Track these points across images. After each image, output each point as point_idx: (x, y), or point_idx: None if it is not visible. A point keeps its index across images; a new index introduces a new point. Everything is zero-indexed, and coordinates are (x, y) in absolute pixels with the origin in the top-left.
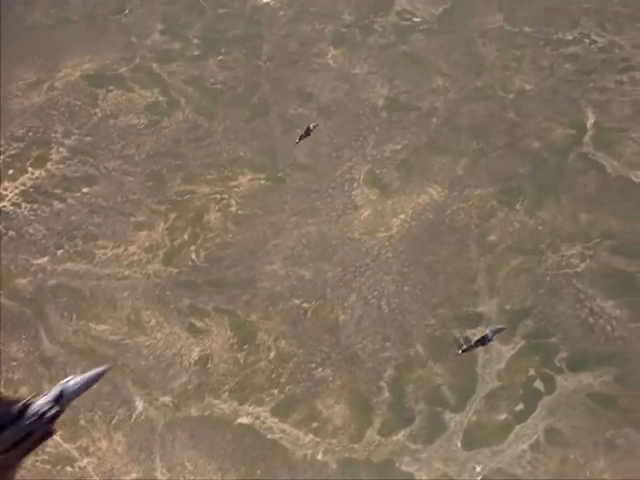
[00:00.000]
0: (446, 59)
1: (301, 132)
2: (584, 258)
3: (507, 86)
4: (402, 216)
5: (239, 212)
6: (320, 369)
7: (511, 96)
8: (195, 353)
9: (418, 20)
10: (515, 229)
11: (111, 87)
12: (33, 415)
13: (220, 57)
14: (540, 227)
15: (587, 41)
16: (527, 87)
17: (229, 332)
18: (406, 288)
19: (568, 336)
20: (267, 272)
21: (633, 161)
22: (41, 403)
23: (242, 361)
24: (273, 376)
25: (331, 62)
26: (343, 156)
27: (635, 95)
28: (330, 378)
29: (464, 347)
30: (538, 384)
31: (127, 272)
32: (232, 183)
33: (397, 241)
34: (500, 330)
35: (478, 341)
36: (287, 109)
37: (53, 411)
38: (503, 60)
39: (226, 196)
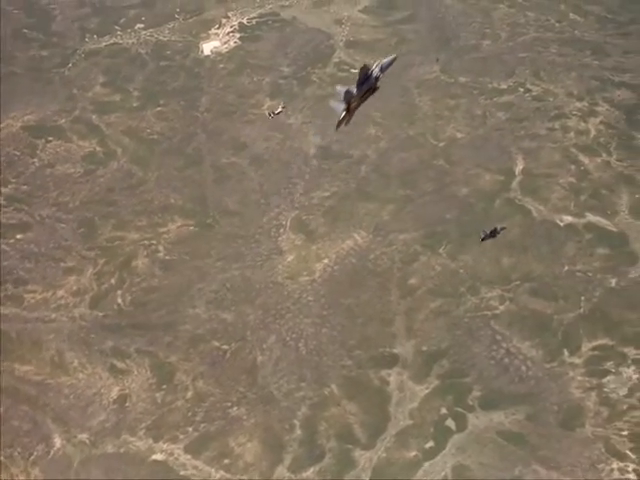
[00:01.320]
0: (380, 109)
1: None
2: (503, 300)
3: (439, 134)
4: (325, 261)
5: (166, 257)
6: (235, 408)
7: (442, 144)
8: (114, 392)
9: (355, 71)
10: (436, 272)
11: (50, 137)
12: (373, 77)
13: (159, 108)
14: (461, 270)
15: (522, 90)
16: (459, 135)
17: (149, 372)
18: (324, 330)
19: (482, 376)
20: (190, 315)
21: (559, 206)
22: (375, 70)
23: (160, 400)
24: (189, 414)
25: (267, 113)
26: (272, 203)
27: (566, 142)
28: (244, 417)
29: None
30: (450, 422)
31: (54, 315)
32: (161, 229)
33: (319, 285)
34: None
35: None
36: (220, 158)
37: (380, 74)
38: (437, 109)
39: (155, 242)
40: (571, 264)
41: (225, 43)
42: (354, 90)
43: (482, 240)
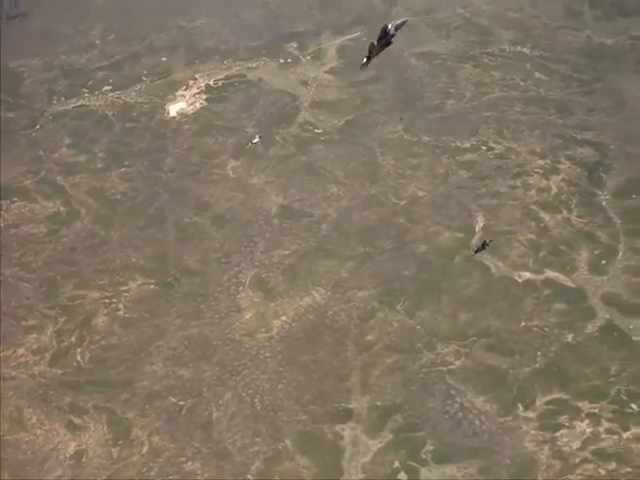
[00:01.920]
0: (343, 168)
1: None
2: (459, 356)
3: (400, 193)
4: (283, 318)
5: (126, 316)
6: (190, 463)
7: (403, 202)
8: (71, 448)
9: (319, 131)
10: (393, 329)
11: (15, 198)
12: (388, 33)
13: (123, 169)
14: (418, 327)
15: (484, 148)
16: (420, 194)
17: (106, 428)
18: (280, 386)
19: (436, 430)
20: (148, 372)
21: (518, 262)
22: (391, 29)
23: (116, 455)
24: (144, 470)
25: (230, 173)
26: (232, 261)
27: (527, 199)
28: (199, 471)
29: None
30: (402, 476)
31: (14, 373)
32: (122, 288)
33: (276, 342)
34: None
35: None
36: (183, 218)
37: (394, 32)
38: (399, 168)
39: (115, 300)
40: (528, 320)
41: (191, 104)
42: (375, 43)
43: (475, 253)
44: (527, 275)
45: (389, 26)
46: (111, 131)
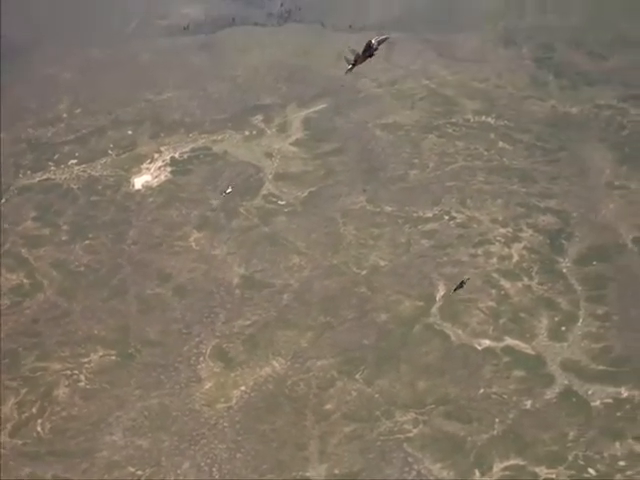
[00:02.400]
0: (305, 239)
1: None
2: (417, 424)
3: (362, 262)
4: (243, 387)
5: (87, 387)
6: None
7: (364, 272)
8: None
9: (283, 203)
10: (352, 397)
11: None
12: (372, 47)
13: (87, 242)
14: (377, 395)
15: (447, 217)
16: (381, 263)
17: None
18: (239, 455)
19: None
20: (107, 442)
21: (478, 330)
22: (373, 42)
23: None
24: None
25: (193, 244)
26: (193, 332)
27: (488, 267)
28: None
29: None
30: None
31: None
32: (84, 359)
33: (235, 411)
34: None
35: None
36: (145, 289)
37: (376, 45)
38: (361, 238)
39: (77, 372)
40: (487, 387)
41: (156, 177)
42: (360, 53)
43: (454, 291)
44: (487, 343)
45: (373, 41)
46: (76, 204)
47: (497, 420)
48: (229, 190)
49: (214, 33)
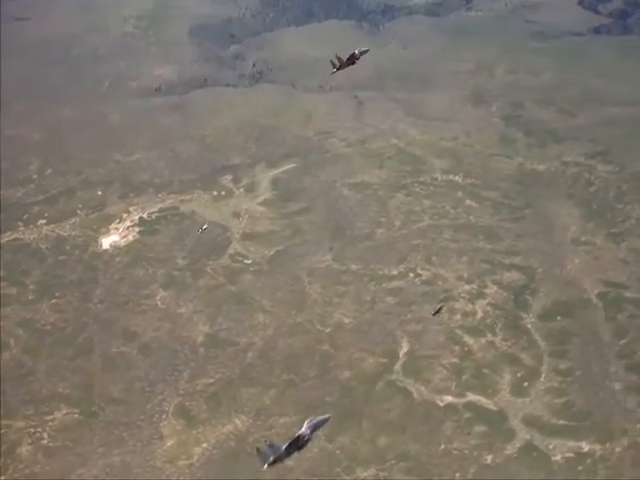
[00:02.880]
0: (271, 297)
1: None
2: None
3: (326, 320)
4: (204, 445)
5: (50, 444)
6: None
7: (328, 330)
8: None
9: (249, 262)
10: (313, 454)
11: None
12: (354, 56)
13: (54, 301)
14: (338, 451)
15: (412, 275)
16: (346, 320)
17: None
18: None
19: None
20: None
21: (441, 387)
22: (356, 52)
23: None
24: None
25: (159, 303)
26: (156, 390)
27: (452, 324)
28: None
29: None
30: None
31: None
32: (47, 417)
33: (196, 468)
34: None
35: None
36: (110, 348)
37: (358, 55)
38: (326, 296)
39: (40, 430)
40: (448, 442)
41: (124, 237)
42: (344, 60)
43: (434, 315)
44: (449, 399)
45: (356, 52)
46: (44, 263)
47: (457, 475)
48: (205, 226)
49: (186, 94)
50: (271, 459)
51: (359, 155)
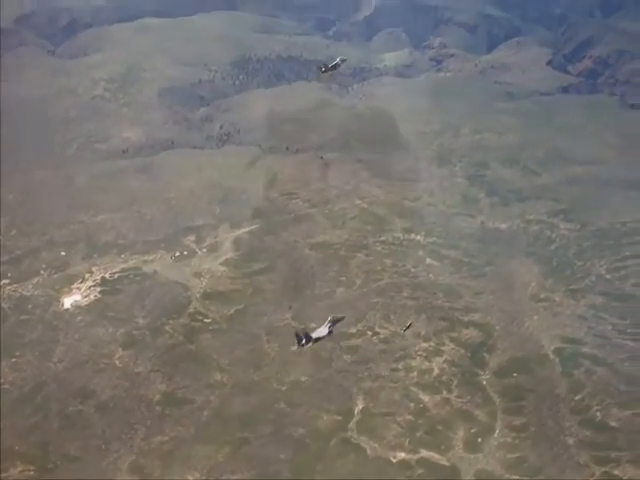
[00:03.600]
0: (228, 356)
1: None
2: None
3: (283, 378)
4: None
5: None
6: None
7: (285, 388)
8: None
9: (209, 321)
10: None
11: None
12: (336, 68)
13: (13, 360)
14: None
15: (370, 333)
16: (302, 379)
17: None
18: None
19: None
20: None
21: (394, 443)
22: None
23: None
24: None
25: (117, 362)
26: (112, 448)
27: (407, 381)
28: None
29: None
30: None
31: None
32: (3, 475)
33: None
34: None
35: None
36: (68, 406)
37: (340, 63)
38: (284, 355)
39: None
40: None
41: (86, 297)
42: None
43: (404, 331)
44: (402, 455)
45: (338, 60)
46: (5, 323)
47: None
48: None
49: (153, 156)
50: (303, 341)
51: (322, 215)
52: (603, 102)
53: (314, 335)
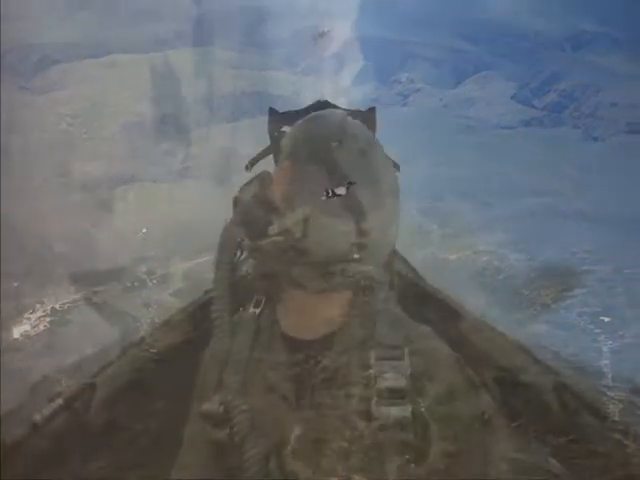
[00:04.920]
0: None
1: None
2: None
3: None
4: None
5: None
6: None
7: None
8: None
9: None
10: None
11: None
12: None
13: None
14: None
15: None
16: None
17: None
18: None
19: None
20: None
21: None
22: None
23: None
24: None
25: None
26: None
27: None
28: None
29: None
30: None
31: None
32: None
33: None
34: None
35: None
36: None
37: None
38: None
39: None
40: None
41: (35, 327)
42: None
43: None
44: None
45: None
46: None
47: None
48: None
49: (112, 190)
50: None
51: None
52: (565, 135)
53: None
